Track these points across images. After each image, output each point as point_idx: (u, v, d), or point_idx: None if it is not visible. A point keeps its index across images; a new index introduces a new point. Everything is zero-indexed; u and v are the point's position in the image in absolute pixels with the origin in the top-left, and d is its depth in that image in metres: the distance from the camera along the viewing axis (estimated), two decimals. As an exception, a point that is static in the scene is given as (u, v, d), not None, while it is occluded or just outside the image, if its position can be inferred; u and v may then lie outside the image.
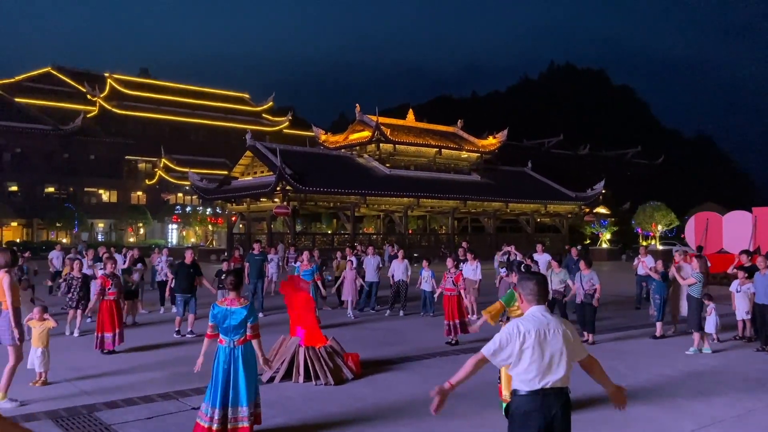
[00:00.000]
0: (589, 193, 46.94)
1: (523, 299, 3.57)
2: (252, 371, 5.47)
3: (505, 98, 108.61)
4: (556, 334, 3.41)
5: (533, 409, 3.32)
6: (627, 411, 6.41)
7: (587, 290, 10.59)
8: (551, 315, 3.51)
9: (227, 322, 5.40)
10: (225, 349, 5.40)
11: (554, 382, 3.35)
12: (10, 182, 53.08)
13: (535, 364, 3.33)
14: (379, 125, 39.22)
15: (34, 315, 7.74)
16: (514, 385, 3.45)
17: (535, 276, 3.63)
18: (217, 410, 5.26)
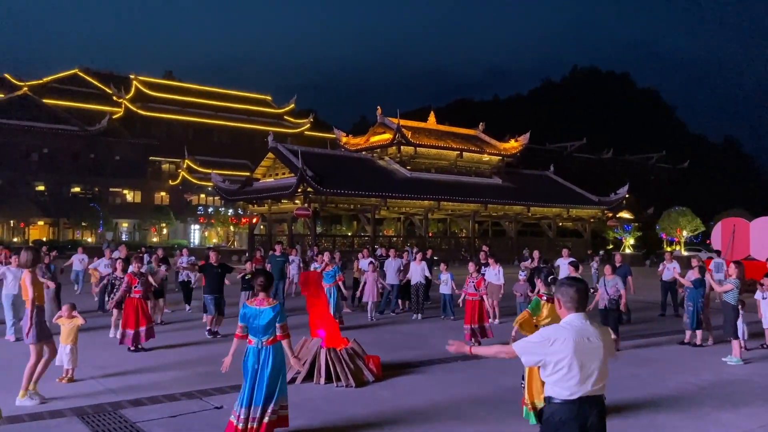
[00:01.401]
0: (612, 198, 46.42)
1: (562, 305, 3.48)
2: (279, 372, 5.51)
3: (527, 101, 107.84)
4: (597, 342, 3.35)
5: (570, 418, 3.27)
6: (652, 419, 6.36)
7: (611, 296, 10.48)
8: (590, 323, 3.43)
9: (256, 323, 5.44)
10: (254, 350, 5.45)
11: (592, 391, 3.30)
12: (38, 182, 54.15)
13: (573, 373, 3.27)
14: (400, 128, 39.24)
15: (63, 312, 7.89)
16: (549, 392, 3.39)
17: (576, 283, 3.53)
18: (244, 409, 5.31)
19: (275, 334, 5.48)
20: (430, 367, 8.82)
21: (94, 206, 53.10)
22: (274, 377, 5.45)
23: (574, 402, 3.27)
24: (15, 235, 51.12)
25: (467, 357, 9.47)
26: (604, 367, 3.34)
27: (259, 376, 5.37)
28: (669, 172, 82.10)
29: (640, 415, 6.50)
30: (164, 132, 61.39)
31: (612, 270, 10.93)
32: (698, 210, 44.68)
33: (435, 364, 8.98)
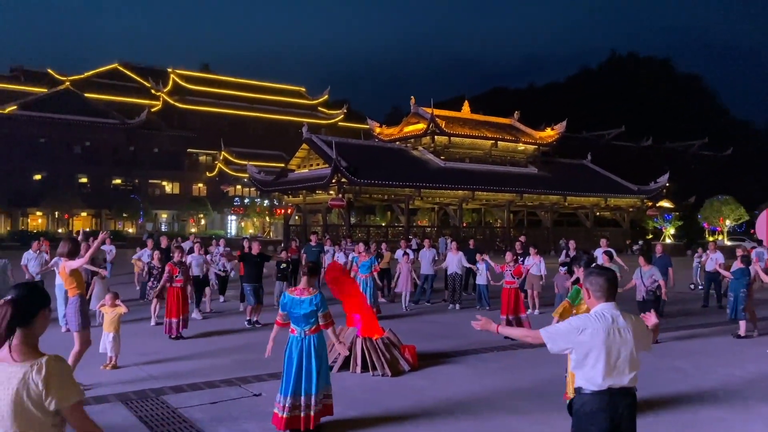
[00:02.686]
0: (652, 187, 45.32)
1: (591, 295, 3.43)
2: (322, 361, 5.54)
3: (564, 89, 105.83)
4: (626, 332, 3.28)
5: (599, 409, 3.23)
6: (695, 412, 6.20)
7: (648, 287, 10.25)
8: (620, 312, 3.37)
9: (297, 312, 5.48)
10: (296, 339, 5.48)
11: (621, 382, 3.25)
12: (81, 174, 55.74)
13: (601, 364, 3.23)
14: (434, 117, 38.99)
15: (106, 301, 8.11)
16: (579, 383, 3.35)
17: (606, 272, 3.48)
18: (289, 398, 5.37)
19: (317, 323, 5.51)
20: (466, 357, 8.78)
21: (134, 198, 54.45)
22: (319, 366, 5.49)
23: (604, 393, 3.22)
24: (60, 226, 52.77)
25: (503, 347, 9.44)
26: (634, 358, 3.28)
27: (305, 366, 5.41)
28: (711, 159, 79.66)
29: (683, 408, 6.35)
30: (201, 124, 62.39)
31: (647, 261, 10.68)
32: (742, 198, 43.28)
33: (470, 354, 8.94)
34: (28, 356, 2.38)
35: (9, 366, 2.37)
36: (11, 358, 2.38)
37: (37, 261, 11.89)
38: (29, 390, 2.31)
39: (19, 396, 2.31)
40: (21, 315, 2.41)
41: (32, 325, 2.45)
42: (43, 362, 2.36)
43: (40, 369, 2.34)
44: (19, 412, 2.31)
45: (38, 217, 53.89)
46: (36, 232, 42.67)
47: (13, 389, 2.32)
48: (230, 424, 5.71)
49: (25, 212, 52.63)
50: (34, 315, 2.46)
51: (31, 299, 2.48)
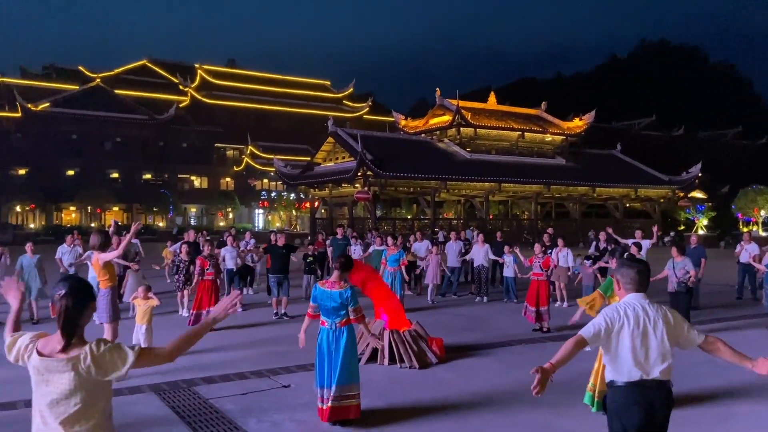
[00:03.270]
0: (683, 177, 44.35)
1: (621, 286, 3.40)
2: (353, 352, 5.61)
3: (592, 78, 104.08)
4: (656, 323, 3.24)
5: (632, 402, 3.19)
6: (729, 407, 6.08)
7: (680, 278, 10.07)
8: (651, 303, 3.32)
9: (327, 304, 5.53)
10: (327, 331, 5.54)
11: (654, 374, 3.20)
12: (111, 169, 56.84)
13: (632, 355, 3.19)
14: (460, 109, 38.73)
15: (138, 294, 8.28)
16: (610, 376, 3.31)
17: (638, 263, 3.44)
18: (326, 390, 5.44)
19: (347, 316, 5.56)
20: (494, 349, 8.75)
21: (164, 192, 55.35)
22: (350, 358, 5.56)
23: (637, 385, 3.18)
24: (92, 221, 53.95)
25: (531, 340, 9.39)
26: (666, 349, 3.23)
27: (334, 357, 5.47)
28: (745, 148, 77.64)
29: (716, 403, 6.24)
30: (228, 119, 63.03)
31: (680, 252, 10.48)
32: (778, 188, 42.08)
33: (498, 347, 8.90)
34: (76, 347, 2.50)
35: (57, 358, 2.48)
36: (61, 349, 2.49)
37: (71, 254, 12.20)
38: (81, 377, 2.47)
39: (74, 384, 2.46)
40: (77, 307, 2.53)
41: (82, 318, 2.56)
42: (87, 350, 2.49)
43: (86, 357, 2.48)
44: (74, 397, 2.46)
45: (71, 212, 55.17)
46: (69, 227, 43.72)
47: (66, 379, 2.46)
48: (260, 415, 5.79)
49: (59, 207, 53.93)
50: (85, 308, 2.57)
51: (83, 292, 2.59)
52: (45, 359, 2.48)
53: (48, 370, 2.47)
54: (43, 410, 2.50)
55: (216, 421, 5.61)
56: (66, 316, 2.49)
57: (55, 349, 2.50)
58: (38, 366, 2.49)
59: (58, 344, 2.50)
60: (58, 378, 2.46)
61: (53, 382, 2.47)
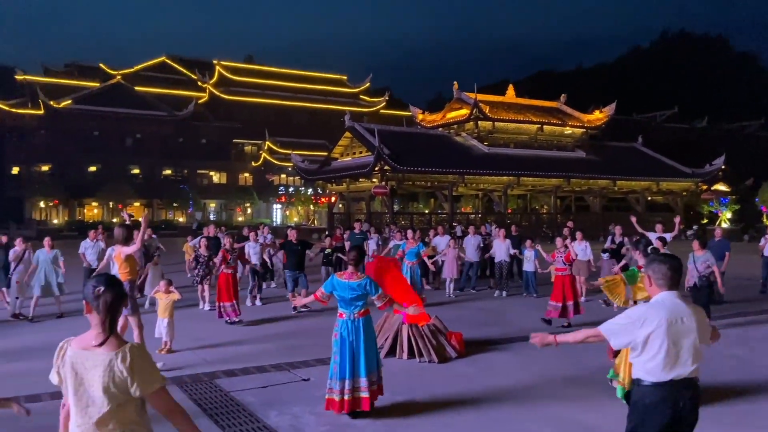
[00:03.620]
0: (707, 169, 43.63)
1: (653, 283, 3.30)
2: (372, 343, 5.64)
3: (613, 70, 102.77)
4: (689, 322, 3.15)
5: (659, 401, 3.11)
6: (751, 403, 5.98)
7: (702, 273, 9.92)
8: (683, 302, 3.24)
9: (345, 295, 5.55)
10: (346, 323, 5.57)
11: (684, 374, 3.13)
12: (132, 165, 57.51)
13: (662, 355, 3.11)
14: (478, 102, 38.49)
15: (160, 288, 8.37)
16: (638, 375, 3.23)
17: (669, 259, 3.32)
18: (347, 381, 5.46)
19: (365, 306, 5.60)
20: (513, 344, 8.70)
21: (183, 188, 55.89)
22: (371, 347, 5.60)
23: (665, 384, 3.11)
24: (114, 216, 54.67)
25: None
26: (697, 349, 3.15)
27: (355, 348, 5.50)
28: (770, 140, 76.16)
29: (738, 398, 6.14)
30: (246, 115, 63.36)
31: (701, 245, 10.31)
32: (804, 181, 41.25)
33: (517, 342, 8.85)
34: (112, 343, 2.49)
35: (94, 353, 2.48)
36: (97, 345, 2.49)
37: (94, 249, 12.37)
38: (114, 376, 2.44)
39: (107, 381, 2.43)
40: (116, 302, 2.54)
41: (119, 312, 2.59)
42: (127, 350, 2.47)
43: (124, 357, 2.45)
44: (108, 395, 2.44)
45: (93, 208, 55.95)
46: (92, 222, 44.36)
47: (100, 375, 2.44)
48: (281, 408, 5.83)
49: (81, 203, 54.73)
50: (122, 302, 2.59)
51: (119, 287, 2.61)
52: (80, 351, 2.48)
53: (83, 364, 2.46)
54: (76, 409, 2.49)
55: (237, 414, 5.67)
56: (107, 311, 2.50)
57: (90, 344, 2.49)
58: (74, 360, 2.48)
59: (94, 340, 2.50)
60: (92, 374, 2.45)
61: (87, 378, 2.46)
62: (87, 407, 2.47)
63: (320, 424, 5.41)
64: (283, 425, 5.39)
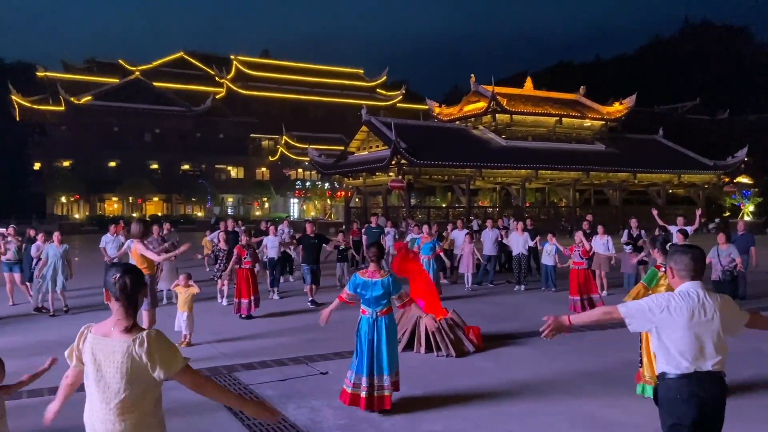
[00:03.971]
0: (729, 161, 42.90)
1: (675, 274, 3.23)
2: (393, 341, 5.61)
3: (634, 61, 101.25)
4: (713, 313, 3.08)
5: (687, 395, 3.04)
6: (780, 398, 5.86)
7: (725, 266, 9.76)
8: (706, 292, 3.16)
9: (368, 294, 5.53)
10: (368, 320, 5.55)
11: (707, 366, 3.06)
12: (151, 160, 58.11)
13: (685, 346, 3.05)
14: (495, 95, 38.21)
15: (180, 282, 8.43)
16: (662, 368, 3.16)
17: (691, 250, 3.26)
18: (365, 378, 5.45)
19: (388, 305, 5.57)
20: (531, 339, 8.62)
21: (202, 182, 56.33)
22: (393, 347, 5.58)
23: (690, 377, 3.04)
24: (133, 211, 55.33)
25: (571, 329, 9.21)
26: (722, 341, 3.08)
27: (376, 347, 5.48)
28: (795, 132, 74.67)
29: (761, 393, 6.02)
30: (263, 110, 63.65)
31: (726, 239, 10.14)
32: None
33: (536, 336, 8.68)
34: (130, 330, 2.52)
35: (113, 340, 2.51)
36: (116, 332, 2.53)
37: (114, 244, 12.51)
38: (133, 362, 2.47)
39: (125, 367, 2.47)
40: (134, 285, 2.56)
41: (139, 297, 2.60)
42: (144, 336, 2.50)
43: (142, 342, 2.49)
44: (126, 381, 2.48)
45: (114, 203, 56.67)
46: (112, 217, 44.93)
47: (119, 362, 2.48)
48: (299, 401, 5.84)
49: (101, 198, 55.46)
50: (140, 287, 2.61)
51: (137, 273, 2.63)
52: (99, 338, 2.52)
53: (102, 351, 2.50)
54: (94, 396, 2.53)
55: (255, 407, 5.68)
56: (125, 293, 2.53)
57: (110, 331, 2.53)
58: (93, 346, 2.51)
59: (113, 327, 2.53)
60: (111, 360, 2.48)
61: (105, 365, 2.49)
62: (105, 393, 2.51)
63: (338, 418, 5.41)
64: (301, 418, 5.39)
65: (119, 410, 2.48)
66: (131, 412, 2.50)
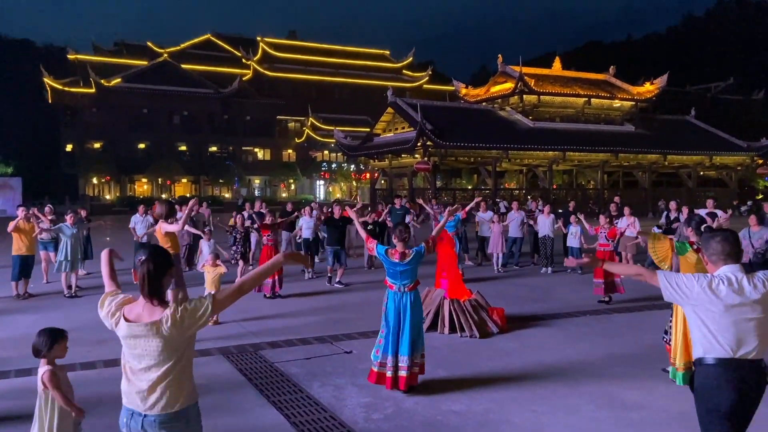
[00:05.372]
0: (763, 143, 41.74)
1: (708, 260, 3.14)
2: (418, 321, 5.63)
3: (665, 40, 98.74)
4: (753, 297, 2.97)
5: (726, 381, 2.95)
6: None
7: (757, 248, 9.56)
8: (749, 277, 3.04)
9: (394, 268, 5.58)
10: (395, 295, 5.60)
11: (747, 353, 2.96)
12: (180, 142, 58.82)
13: (725, 331, 2.96)
14: (523, 76, 37.64)
15: (207, 262, 8.58)
16: (698, 353, 3.07)
17: (722, 233, 3.19)
18: (390, 357, 5.50)
19: (415, 281, 5.62)
20: (557, 320, 8.60)
21: (229, 164, 56.89)
22: (418, 326, 5.62)
23: (730, 363, 2.95)
24: (163, 192, 56.19)
25: (596, 311, 9.16)
26: (762, 328, 2.97)
27: (402, 325, 5.51)
28: (835, 112, 72.15)
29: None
30: (290, 91, 63.74)
31: (759, 221, 9.92)
32: None
33: (562, 318, 8.74)
34: (159, 310, 2.62)
35: (142, 325, 2.61)
36: (145, 313, 2.64)
37: (143, 224, 12.76)
38: (165, 338, 2.60)
39: (159, 346, 2.60)
40: (158, 271, 2.66)
41: (163, 281, 2.69)
42: (169, 313, 2.60)
43: (167, 320, 2.60)
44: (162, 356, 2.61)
45: (143, 184, 57.64)
46: (142, 198, 45.70)
47: (153, 343, 2.60)
48: (324, 379, 5.93)
49: (131, 179, 56.43)
50: (165, 271, 2.69)
51: (162, 257, 2.72)
52: (131, 325, 2.62)
53: (134, 335, 2.61)
54: (130, 368, 2.67)
55: (281, 384, 5.79)
56: (149, 279, 2.62)
57: (140, 314, 2.64)
58: (125, 332, 2.63)
59: (143, 309, 2.64)
60: (144, 342, 2.60)
61: (139, 346, 2.61)
62: (139, 367, 2.63)
63: (362, 396, 5.48)
64: (325, 396, 5.48)
65: (153, 383, 2.62)
66: (165, 381, 2.62)
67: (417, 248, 5.62)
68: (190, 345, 2.73)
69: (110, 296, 2.76)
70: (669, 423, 4.85)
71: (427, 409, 5.16)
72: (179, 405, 2.64)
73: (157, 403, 2.60)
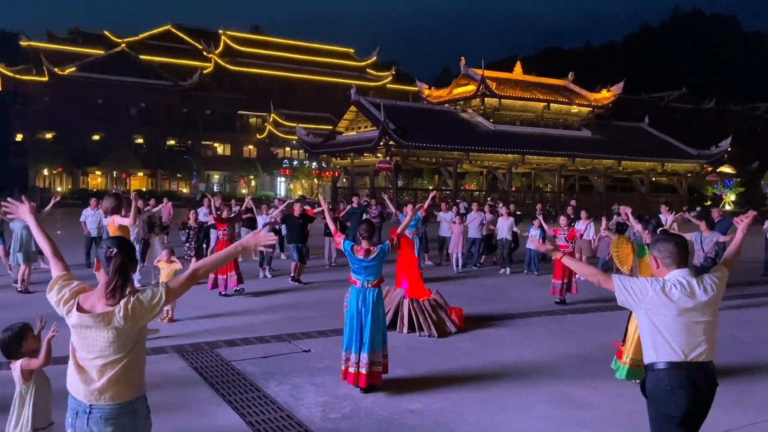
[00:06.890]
0: (713, 151, 43.34)
1: (659, 263, 3.17)
2: (379, 319, 5.62)
3: (622, 48, 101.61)
4: (703, 301, 3.04)
5: (678, 384, 2.99)
6: (749, 383, 6.00)
7: (707, 253, 9.91)
8: (698, 281, 3.11)
9: (358, 263, 5.57)
10: (357, 291, 5.58)
11: (698, 356, 3.02)
12: (136, 135, 57.38)
13: (675, 334, 3.01)
14: (485, 79, 38.12)
15: (162, 257, 8.39)
16: (650, 359, 3.10)
17: (674, 237, 3.25)
18: (353, 354, 5.49)
19: (379, 277, 5.62)
20: (513, 320, 8.74)
21: (187, 158, 55.78)
22: (381, 322, 5.63)
23: (681, 366, 2.99)
24: (117, 185, 54.71)
25: (551, 312, 9.35)
26: (710, 330, 3.04)
27: (364, 321, 5.49)
28: (779, 123, 75.44)
29: (737, 378, 6.15)
30: (251, 86, 62.94)
31: (708, 226, 10.30)
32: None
33: (518, 318, 8.88)
34: (113, 302, 2.59)
35: (94, 315, 2.57)
36: (100, 304, 2.59)
37: (94, 218, 12.39)
38: (117, 329, 2.57)
39: (110, 337, 2.57)
40: (128, 264, 2.65)
41: (130, 275, 2.67)
42: (122, 305, 2.58)
43: (119, 311, 2.58)
44: (112, 347, 2.58)
45: (97, 176, 55.99)
46: (95, 191, 44.40)
47: (104, 334, 2.57)
48: (281, 378, 5.88)
49: (85, 171, 54.76)
50: (133, 267, 2.70)
51: (131, 251, 2.71)
52: (83, 315, 2.57)
53: (85, 325, 2.57)
54: (79, 358, 2.62)
55: (237, 383, 5.71)
56: (120, 273, 2.61)
57: (95, 304, 2.59)
58: (76, 321, 2.58)
59: (98, 299, 2.60)
60: (95, 333, 2.56)
61: (90, 336, 2.57)
62: (89, 357, 2.60)
63: (319, 395, 5.46)
64: (282, 395, 5.43)
65: (102, 372, 2.58)
66: (112, 370, 2.59)
67: (381, 246, 5.63)
68: (142, 336, 2.69)
69: (63, 280, 2.68)
70: (619, 422, 4.99)
71: (385, 408, 5.17)
72: (127, 396, 2.61)
73: (104, 394, 2.57)
